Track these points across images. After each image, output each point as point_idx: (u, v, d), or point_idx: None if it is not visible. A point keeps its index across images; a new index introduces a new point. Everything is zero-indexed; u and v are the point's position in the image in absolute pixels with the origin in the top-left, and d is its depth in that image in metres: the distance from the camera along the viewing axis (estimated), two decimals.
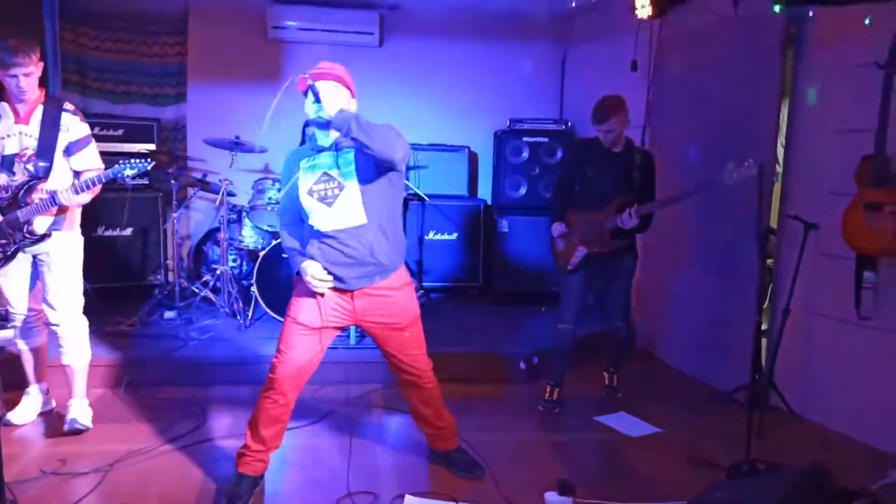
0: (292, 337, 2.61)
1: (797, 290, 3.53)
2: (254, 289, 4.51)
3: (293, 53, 5.77)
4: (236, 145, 4.74)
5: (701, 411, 3.71)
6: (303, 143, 5.27)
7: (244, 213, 4.92)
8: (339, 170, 2.55)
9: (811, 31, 3.62)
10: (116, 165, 3.00)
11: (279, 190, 4.73)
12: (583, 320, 3.75)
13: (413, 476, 2.92)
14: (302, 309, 2.61)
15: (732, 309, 3.89)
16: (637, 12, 4.32)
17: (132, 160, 3.03)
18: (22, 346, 3.29)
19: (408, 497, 2.69)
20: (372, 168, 2.53)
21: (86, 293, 3.31)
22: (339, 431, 3.33)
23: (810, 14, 3.51)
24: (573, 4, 4.76)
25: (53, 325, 3.17)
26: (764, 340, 3.91)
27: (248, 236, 4.95)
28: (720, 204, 3.95)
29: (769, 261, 4.01)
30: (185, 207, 5.43)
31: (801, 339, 3.65)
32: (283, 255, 4.50)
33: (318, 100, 2.43)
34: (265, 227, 4.83)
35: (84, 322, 3.26)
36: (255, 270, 4.49)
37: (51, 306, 3.14)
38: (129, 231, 5.11)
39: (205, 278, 4.93)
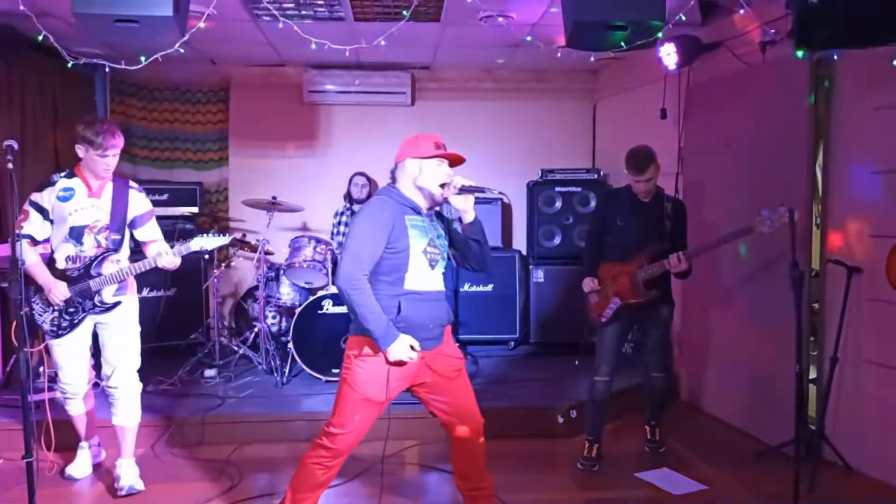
0: (357, 412, 2.57)
1: (844, 337, 3.40)
2: (290, 345, 4.56)
3: (329, 115, 5.99)
4: (273, 205, 4.88)
5: (748, 466, 3.56)
6: (348, 192, 5.39)
7: (281, 271, 5.03)
8: (440, 240, 2.68)
9: (841, 73, 3.58)
10: (198, 239, 3.23)
11: (315, 247, 4.83)
12: (621, 372, 3.67)
13: None
14: (373, 385, 2.54)
15: (776, 357, 3.76)
16: (664, 62, 4.35)
17: (213, 234, 3.28)
18: (74, 411, 3.37)
19: None
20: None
21: None
22: (374, 489, 3.29)
23: (835, 57, 3.48)
24: (592, 59, 4.81)
25: (111, 387, 3.26)
26: (813, 389, 3.76)
27: (286, 293, 5.04)
28: (757, 249, 3.87)
29: (815, 305, 3.88)
30: (226, 267, 5.58)
31: (851, 388, 3.49)
32: (319, 312, 4.56)
33: (471, 191, 2.59)
34: (302, 284, 4.92)
35: (139, 385, 3.36)
36: (291, 327, 4.55)
37: (110, 368, 3.25)
38: (172, 291, 5.26)
39: (244, 336, 5.01)
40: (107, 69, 3.35)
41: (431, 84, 6.03)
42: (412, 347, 2.49)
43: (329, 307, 4.55)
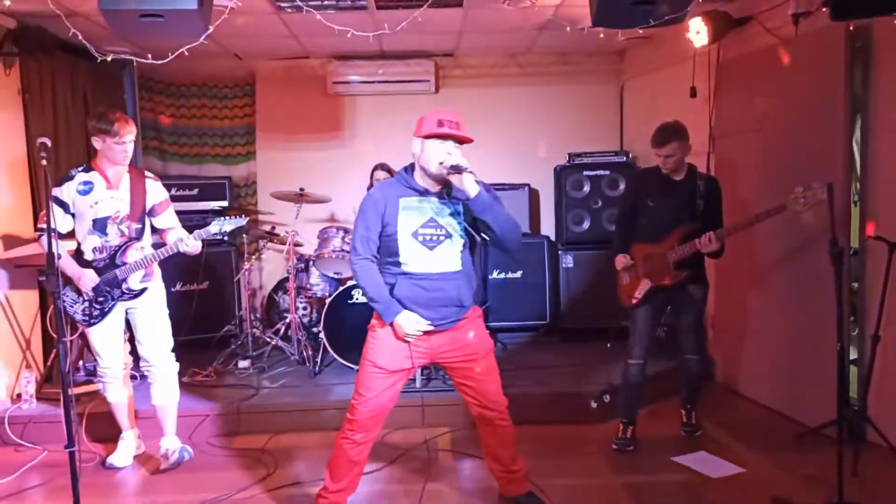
0: (371, 380, 2.66)
1: (886, 315, 3.30)
2: (321, 335, 4.59)
3: (353, 105, 5.99)
4: (300, 197, 4.90)
5: (788, 449, 3.49)
6: (370, 186, 5.40)
7: (311, 262, 5.06)
8: (447, 219, 2.63)
9: (879, 43, 3.46)
10: (216, 222, 3.29)
11: (344, 238, 4.85)
12: (655, 355, 3.62)
13: None
14: (381, 353, 2.65)
15: (816, 337, 3.67)
16: (692, 40, 4.25)
17: (229, 217, 3.35)
18: (114, 397, 3.47)
19: None
20: (468, 224, 2.69)
21: None
22: (408, 475, 3.30)
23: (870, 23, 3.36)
24: (619, 37, 4.72)
25: (149, 367, 3.41)
26: (855, 370, 3.66)
27: (316, 284, 5.07)
28: (794, 227, 3.77)
29: (854, 284, 3.77)
30: (257, 259, 5.63)
31: (894, 368, 3.39)
32: (349, 301, 4.58)
33: (459, 170, 2.50)
34: (331, 275, 4.94)
35: (175, 364, 3.51)
36: (322, 317, 4.58)
37: (146, 350, 3.41)
38: (205, 285, 5.34)
39: (276, 327, 5.06)
40: (134, 65, 3.39)
41: (455, 71, 5.99)
42: (418, 327, 2.57)
43: (359, 297, 4.57)
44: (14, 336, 4.25)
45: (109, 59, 3.44)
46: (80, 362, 4.47)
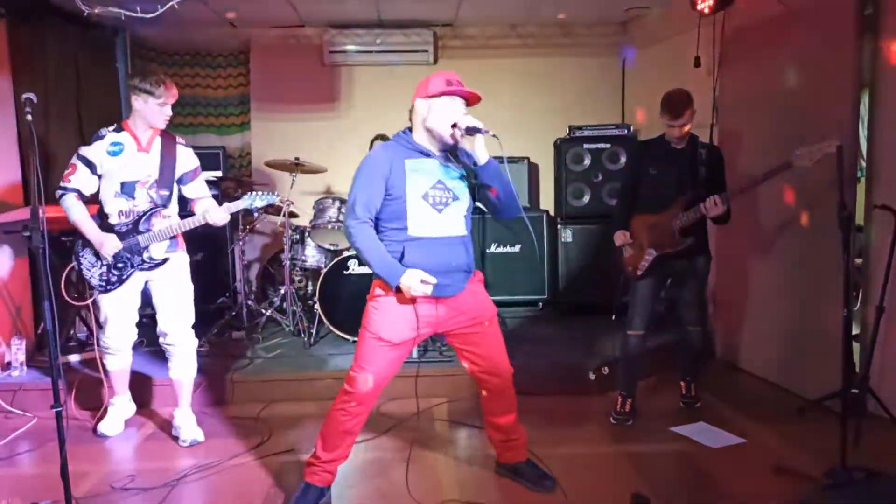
0: (374, 353, 2.53)
1: (891, 286, 3.25)
2: (317, 307, 4.53)
3: (350, 76, 5.89)
4: (296, 166, 4.81)
5: (788, 421, 3.45)
6: None
7: (306, 233, 4.98)
8: (453, 182, 2.55)
9: (889, 11, 3.37)
10: (247, 196, 3.25)
11: (340, 208, 4.77)
12: (654, 329, 3.57)
13: (478, 489, 2.80)
14: (383, 324, 2.52)
15: (819, 309, 3.62)
16: (698, 6, 4.16)
17: (262, 193, 3.29)
18: (113, 366, 3.38)
19: None
20: (471, 187, 2.62)
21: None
22: (403, 444, 3.26)
23: None
24: (624, 10, 4.62)
25: (168, 344, 3.29)
26: (857, 346, 3.61)
27: (311, 255, 5.00)
28: (797, 196, 3.71)
29: (858, 260, 3.71)
30: (251, 231, 5.55)
31: None
32: (345, 272, 4.52)
33: (472, 134, 2.43)
34: (327, 246, 4.87)
35: (195, 340, 3.38)
36: (317, 288, 4.51)
37: (165, 325, 3.27)
38: (199, 256, 5.24)
39: (271, 298, 4.99)
40: (127, 33, 3.28)
41: (454, 42, 5.89)
42: (424, 281, 2.43)
43: (354, 268, 4.50)
44: (4, 303, 4.17)
45: (97, 11, 3.30)
46: (72, 331, 4.41)
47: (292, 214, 4.96)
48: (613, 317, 4.86)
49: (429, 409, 3.73)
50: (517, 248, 5.50)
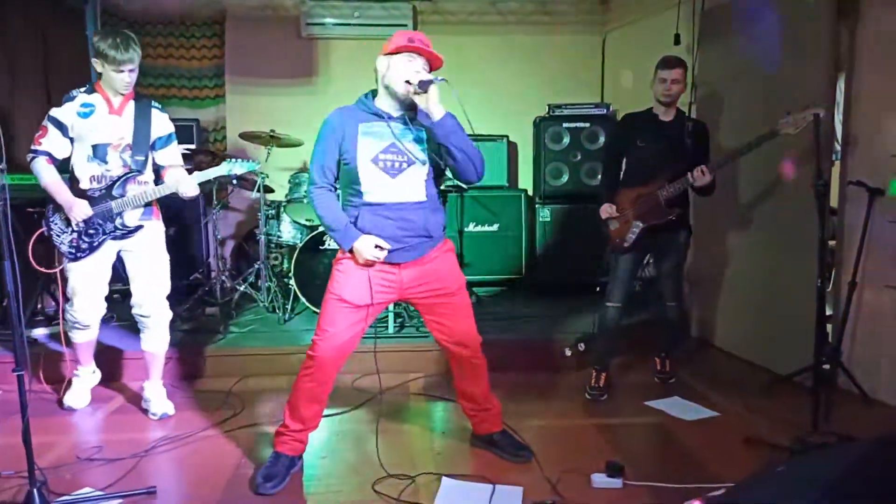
0: (335, 314, 2.50)
1: (864, 262, 3.28)
2: (292, 283, 4.46)
3: (328, 49, 5.79)
4: (272, 139, 4.72)
5: (760, 396, 3.48)
6: None
7: (282, 208, 4.90)
8: (410, 145, 2.49)
9: None
10: (226, 163, 3.17)
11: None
12: (630, 307, 3.56)
13: (452, 460, 2.79)
14: (346, 286, 2.50)
15: (792, 285, 3.65)
16: None
17: (240, 160, 3.21)
18: (79, 338, 3.26)
19: (445, 479, 2.56)
20: (432, 151, 2.52)
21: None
22: (376, 417, 3.23)
23: None
24: None
25: (141, 315, 3.20)
26: (830, 326, 3.64)
27: (287, 231, 4.92)
28: (773, 175, 3.72)
29: (831, 242, 3.74)
30: (225, 206, 5.45)
31: (869, 315, 3.39)
32: (321, 247, 4.45)
33: (424, 88, 2.36)
34: (303, 222, 4.80)
35: (169, 312, 3.29)
36: (292, 264, 4.45)
37: (139, 296, 3.17)
38: (171, 230, 5.13)
39: (245, 274, 4.92)
40: (98, 1, 3.15)
41: (434, 17, 5.81)
42: (379, 247, 2.43)
43: (330, 243, 4.44)
44: None
45: None
46: (39, 304, 4.30)
47: (267, 189, 4.88)
48: (598, 289, 4.85)
49: (405, 384, 3.71)
50: (495, 227, 5.48)
